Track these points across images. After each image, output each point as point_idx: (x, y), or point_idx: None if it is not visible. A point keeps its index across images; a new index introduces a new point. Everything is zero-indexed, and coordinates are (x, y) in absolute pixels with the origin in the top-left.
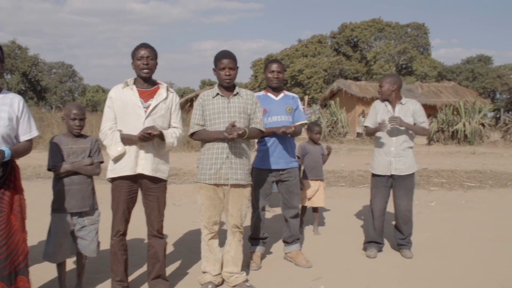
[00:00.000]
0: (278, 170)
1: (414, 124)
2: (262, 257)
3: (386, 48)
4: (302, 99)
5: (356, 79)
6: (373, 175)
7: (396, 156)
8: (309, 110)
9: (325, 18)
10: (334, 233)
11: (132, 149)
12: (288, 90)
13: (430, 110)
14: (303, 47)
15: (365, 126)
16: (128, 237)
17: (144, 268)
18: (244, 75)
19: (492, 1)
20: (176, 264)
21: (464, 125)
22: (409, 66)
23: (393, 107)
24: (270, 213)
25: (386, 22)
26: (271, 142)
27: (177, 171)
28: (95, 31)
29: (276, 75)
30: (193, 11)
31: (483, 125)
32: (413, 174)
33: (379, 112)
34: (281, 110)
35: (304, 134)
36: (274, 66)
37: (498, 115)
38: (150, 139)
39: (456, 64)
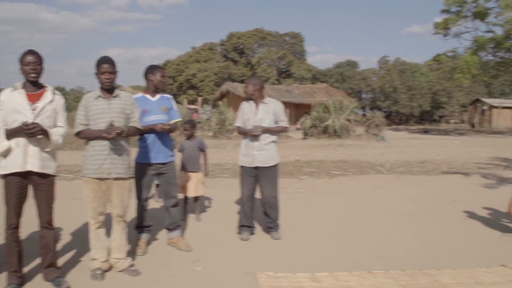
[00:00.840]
0: (158, 164)
1: (276, 122)
2: (148, 243)
3: (268, 54)
4: (196, 100)
5: (242, 81)
6: (241, 166)
7: (260, 150)
8: (202, 110)
9: (215, 28)
10: (215, 219)
11: (21, 148)
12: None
13: (306, 108)
14: (196, 54)
15: (238, 126)
16: (27, 230)
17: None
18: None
19: (359, 14)
20: (71, 253)
21: (333, 121)
22: (288, 70)
23: (257, 106)
24: (158, 203)
25: (268, 32)
26: (151, 138)
27: (79, 168)
28: (11, 39)
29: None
30: (99, 21)
31: (349, 120)
32: (276, 165)
33: (245, 111)
34: (158, 109)
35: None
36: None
37: (364, 112)
38: (34, 133)
39: (328, 68)
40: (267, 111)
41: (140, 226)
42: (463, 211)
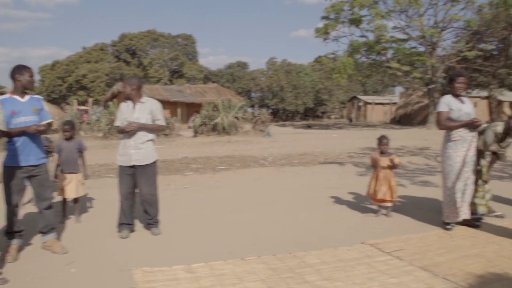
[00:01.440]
0: (29, 166)
1: (153, 120)
2: (20, 249)
3: (160, 55)
4: (86, 101)
5: None
6: (119, 166)
7: (136, 149)
8: (92, 111)
9: (107, 28)
10: (95, 219)
11: None
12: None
13: (197, 107)
14: (87, 54)
15: (117, 126)
16: None
17: None
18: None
19: (251, 18)
20: None
21: (222, 119)
22: (180, 70)
23: (134, 105)
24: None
25: (160, 33)
26: (21, 141)
27: None
28: None
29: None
30: None
31: (237, 118)
32: (153, 163)
33: (123, 110)
34: (28, 110)
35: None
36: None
37: (253, 110)
38: None
39: (219, 68)
40: (144, 110)
41: (10, 232)
42: (333, 197)
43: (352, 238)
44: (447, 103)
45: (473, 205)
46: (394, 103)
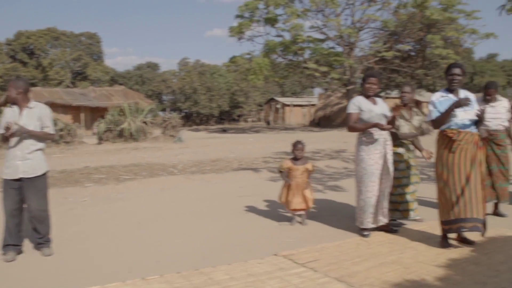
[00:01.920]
0: None
1: (42, 128)
2: None
3: (62, 55)
4: None
5: (33, 85)
6: (4, 179)
7: (23, 160)
8: None
9: (1, 26)
10: None
11: None
12: None
13: (103, 112)
14: None
15: (1, 134)
16: None
17: None
18: None
19: (162, 16)
20: None
21: (129, 124)
22: (83, 72)
23: (21, 110)
24: None
25: (62, 31)
26: None
27: None
28: None
29: None
30: None
31: (146, 123)
32: (43, 175)
33: (7, 116)
34: None
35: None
36: None
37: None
38: None
39: (127, 70)
40: (32, 116)
41: None
42: (246, 206)
43: (264, 249)
44: (357, 105)
45: (405, 212)
46: (313, 105)
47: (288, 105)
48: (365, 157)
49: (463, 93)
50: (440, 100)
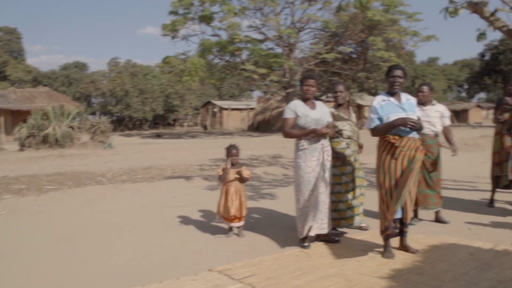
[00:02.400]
0: None
1: None
2: None
3: None
4: None
5: None
6: None
7: None
8: None
9: None
10: None
11: None
12: None
13: (25, 115)
14: None
15: None
16: None
17: None
18: None
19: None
20: None
21: (54, 129)
22: (2, 71)
23: None
24: None
25: None
26: None
27: None
28: None
29: None
30: None
31: (72, 128)
32: None
33: None
34: None
35: None
36: None
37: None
38: None
39: (52, 70)
40: None
41: None
42: (179, 217)
43: (198, 264)
44: (293, 109)
45: (350, 219)
46: (252, 109)
47: (226, 109)
48: (302, 164)
49: (404, 97)
50: (381, 104)
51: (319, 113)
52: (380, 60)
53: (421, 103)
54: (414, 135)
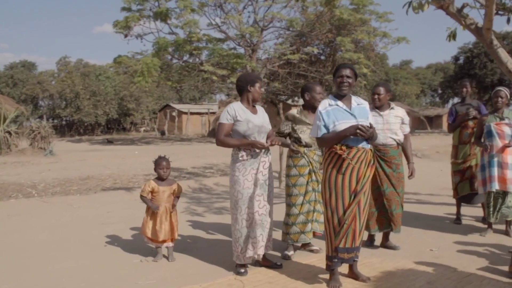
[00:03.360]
0: None
1: None
2: None
3: None
4: None
5: None
6: None
7: None
8: None
9: None
10: None
11: None
12: None
13: None
14: None
15: None
16: None
17: None
18: None
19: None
20: None
21: None
22: None
23: None
24: None
25: None
26: None
27: None
28: None
29: None
30: None
31: (9, 133)
32: None
33: None
34: None
35: None
36: None
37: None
38: None
39: None
40: None
41: None
42: (108, 236)
43: None
44: (232, 114)
45: (295, 235)
46: (213, 113)
47: (185, 113)
48: (240, 178)
49: (355, 101)
50: (327, 110)
51: (260, 119)
52: (348, 62)
53: (377, 107)
54: (365, 145)
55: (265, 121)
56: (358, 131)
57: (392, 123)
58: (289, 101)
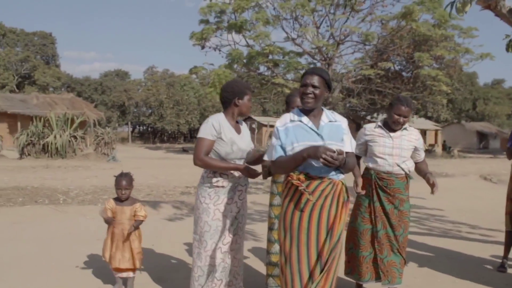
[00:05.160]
0: None
1: None
2: None
3: (6, 56)
4: None
5: None
6: None
7: None
8: None
9: None
10: None
11: None
12: None
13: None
14: None
15: None
16: None
17: None
18: None
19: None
20: None
21: (55, 137)
22: (31, 75)
23: None
24: None
25: (10, 28)
26: None
27: None
28: None
29: None
30: None
31: (75, 137)
32: None
33: None
34: None
35: None
36: None
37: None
38: None
39: (86, 76)
40: None
41: None
42: (89, 255)
43: None
44: (217, 128)
45: (266, 277)
46: None
47: (265, 125)
48: (210, 208)
49: (326, 117)
50: (287, 127)
51: (246, 141)
52: (429, 79)
53: (396, 129)
54: (334, 175)
55: (250, 144)
56: (322, 156)
57: (404, 149)
58: (368, 117)
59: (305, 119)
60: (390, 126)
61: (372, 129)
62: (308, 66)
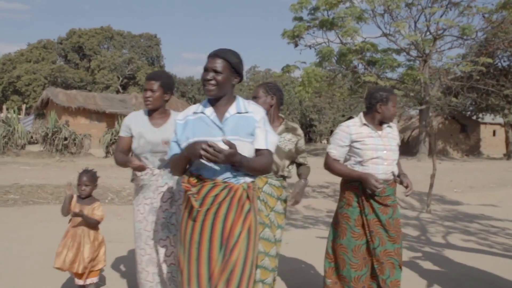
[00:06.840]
0: None
1: None
2: None
3: (111, 58)
4: (20, 108)
5: (77, 87)
6: None
7: None
8: (25, 120)
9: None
10: None
11: None
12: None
13: None
14: (28, 52)
15: None
16: None
17: None
18: None
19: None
20: None
21: None
22: (135, 76)
23: None
24: None
25: (117, 31)
26: None
27: None
28: None
29: None
30: None
31: None
32: None
33: None
34: None
35: None
36: None
37: None
38: None
39: (190, 76)
40: None
41: None
42: None
43: None
44: (127, 124)
45: None
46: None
47: None
48: (134, 208)
49: (236, 107)
50: (187, 119)
51: (163, 133)
52: None
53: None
54: (231, 179)
55: (165, 136)
56: (200, 151)
57: (394, 150)
58: (474, 117)
59: (209, 110)
60: (384, 122)
61: (358, 128)
62: (403, 63)
